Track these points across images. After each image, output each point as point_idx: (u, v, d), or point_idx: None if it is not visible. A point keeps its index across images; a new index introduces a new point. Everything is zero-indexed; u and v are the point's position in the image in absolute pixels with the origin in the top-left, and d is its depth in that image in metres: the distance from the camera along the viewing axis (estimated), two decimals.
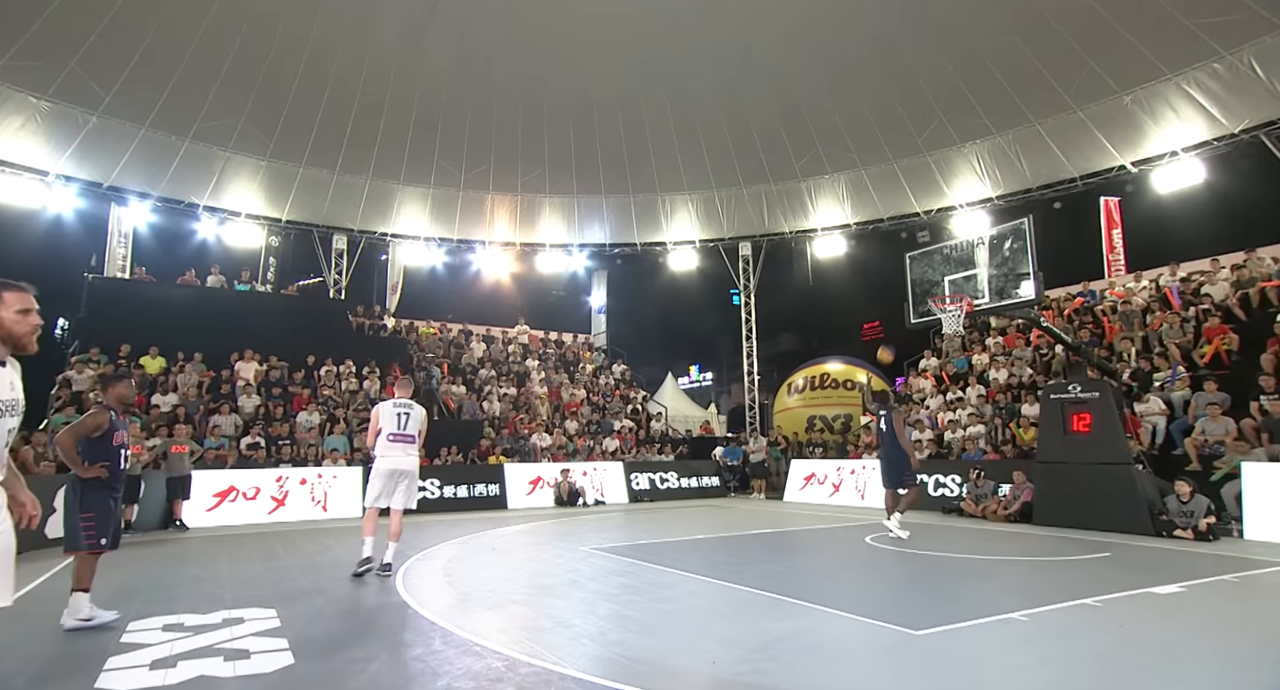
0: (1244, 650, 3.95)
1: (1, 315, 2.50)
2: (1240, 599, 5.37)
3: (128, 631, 4.39)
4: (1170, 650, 3.97)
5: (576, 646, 4.06)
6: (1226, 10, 13.32)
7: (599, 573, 6.59)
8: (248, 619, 4.75)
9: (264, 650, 4.09)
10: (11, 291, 2.52)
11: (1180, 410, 11.83)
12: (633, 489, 15.68)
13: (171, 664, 3.83)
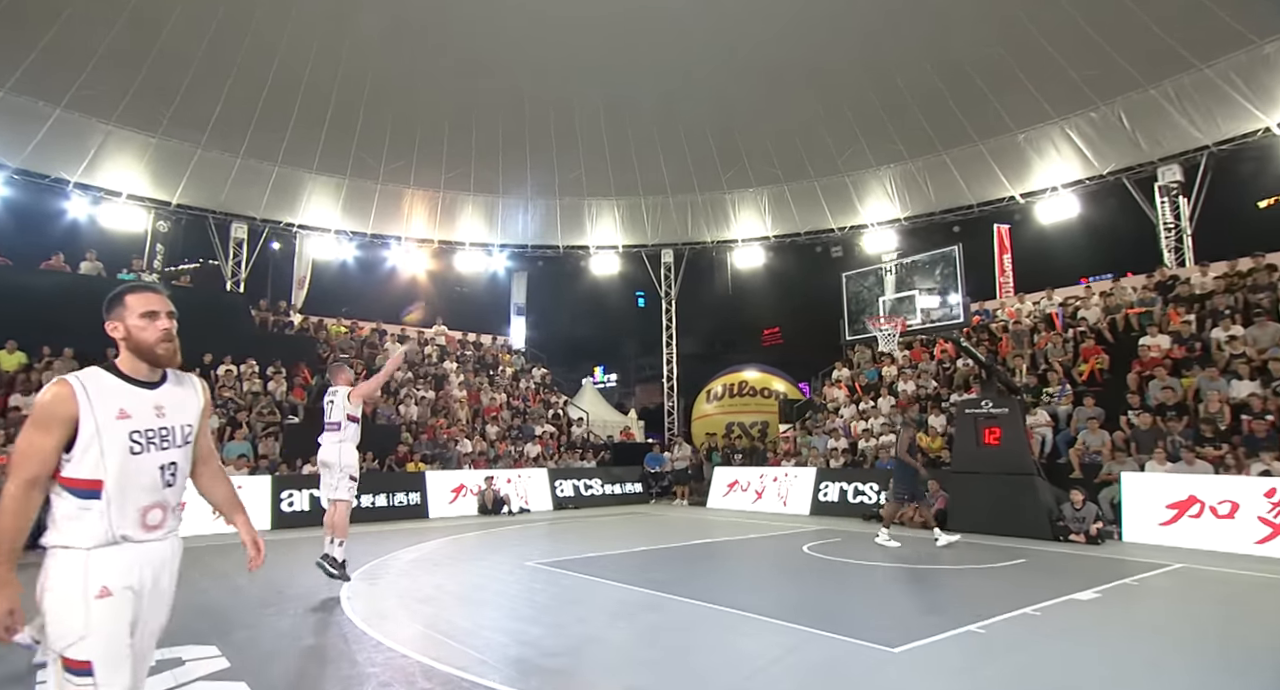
0: (1179, 648, 4.62)
1: (126, 322, 2.18)
2: (1149, 601, 6.14)
3: (39, 682, 3.89)
4: (1117, 654, 4.45)
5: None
6: (1104, 65, 15.05)
7: (559, 594, 6.55)
8: (188, 660, 4.34)
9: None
10: (134, 293, 2.23)
11: (1064, 422, 13.21)
12: (557, 496, 15.63)
13: None
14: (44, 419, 2.00)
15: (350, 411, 6.40)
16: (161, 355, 2.21)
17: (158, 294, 2.26)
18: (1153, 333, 14.08)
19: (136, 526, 2.07)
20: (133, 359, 2.19)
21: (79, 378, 2.08)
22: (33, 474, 1.98)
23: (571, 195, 20.65)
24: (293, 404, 15.33)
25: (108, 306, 2.21)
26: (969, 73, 15.94)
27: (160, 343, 2.19)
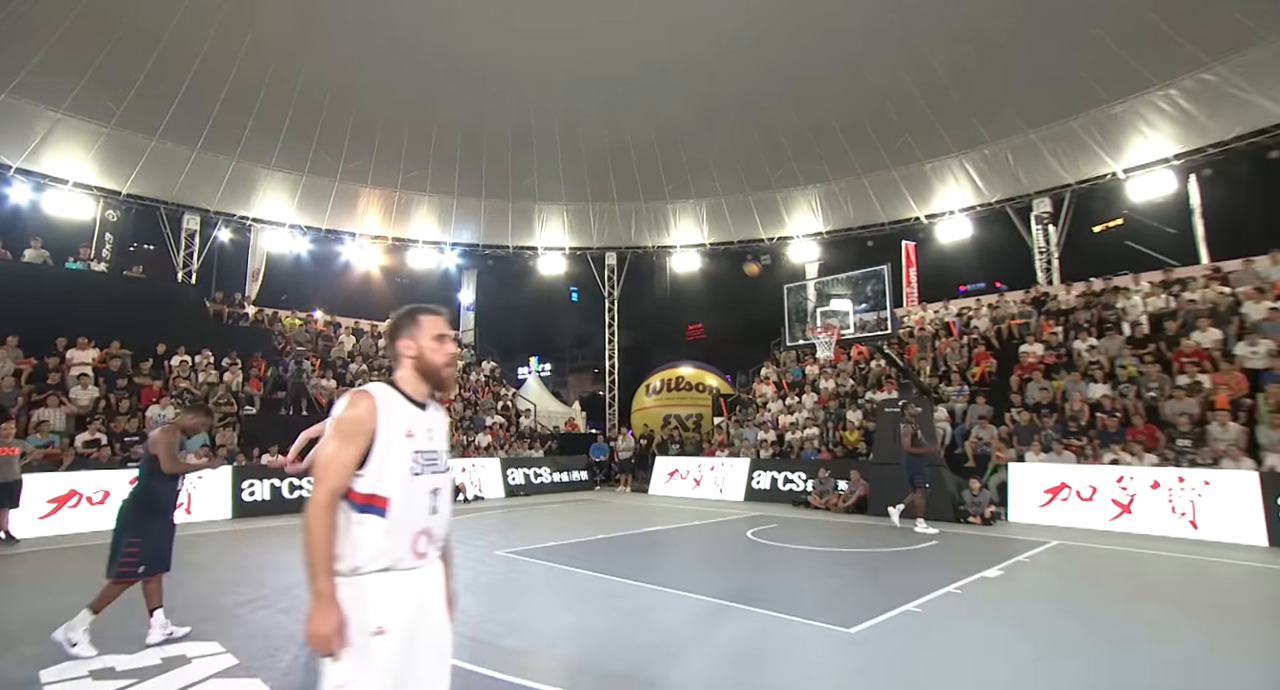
0: (1075, 614, 5.20)
1: (420, 343, 2.04)
2: (1042, 575, 6.79)
3: (48, 684, 3.73)
4: (1030, 624, 4.96)
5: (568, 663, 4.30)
6: (995, 112, 16.21)
7: (535, 583, 6.62)
8: (193, 657, 4.16)
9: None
10: (427, 315, 2.07)
11: (960, 418, 14.18)
12: (509, 484, 15.64)
13: None
14: (351, 431, 1.86)
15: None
16: (445, 379, 2.09)
17: (445, 317, 2.14)
18: (1030, 341, 15.22)
19: (409, 552, 1.90)
20: (417, 379, 2.05)
21: (376, 391, 1.95)
22: (336, 485, 1.83)
23: (524, 199, 20.48)
24: (249, 395, 14.69)
25: (401, 325, 2.08)
26: (888, 107, 16.80)
27: (446, 366, 2.07)
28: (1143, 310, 14.47)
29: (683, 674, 4.03)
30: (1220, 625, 4.92)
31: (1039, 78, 15.12)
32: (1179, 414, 11.29)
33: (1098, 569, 7.08)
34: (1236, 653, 4.36)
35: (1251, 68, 13.36)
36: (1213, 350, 12.40)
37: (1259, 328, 12.33)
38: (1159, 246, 18.86)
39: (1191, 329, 13.09)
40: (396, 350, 2.07)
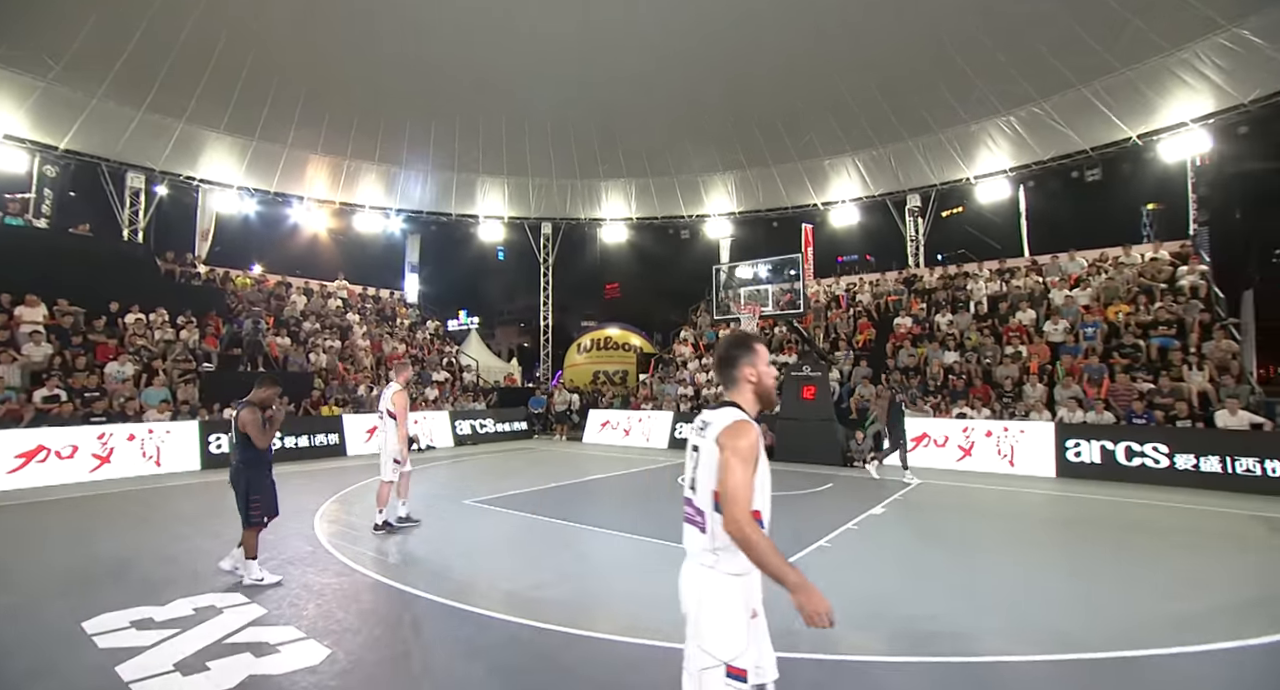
0: (956, 541, 6.02)
1: (759, 368, 2.03)
2: (918, 510, 7.55)
3: (95, 635, 3.69)
4: (917, 551, 5.70)
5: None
6: (883, 119, 17.02)
7: (509, 531, 6.58)
8: (222, 607, 4.14)
9: (284, 641, 3.64)
10: (759, 343, 2.07)
11: (847, 378, 15.39)
12: (457, 434, 15.61)
13: (199, 666, 3.34)
14: (750, 456, 1.88)
15: (389, 408, 6.30)
16: (773, 401, 2.13)
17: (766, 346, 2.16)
18: (902, 315, 16.57)
19: None
20: (754, 402, 2.06)
21: (750, 419, 1.97)
22: (749, 505, 1.87)
23: (468, 171, 19.71)
24: (206, 352, 13.79)
25: (740, 354, 2.06)
26: (799, 110, 17.28)
27: (774, 391, 2.12)
28: (984, 292, 16.08)
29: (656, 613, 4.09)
30: (1028, 534, 6.05)
31: (918, 97, 16.07)
32: (1005, 377, 12.84)
33: (949, 501, 8.15)
34: (1038, 550, 5.43)
35: (1067, 106, 14.91)
36: (1029, 327, 14.11)
37: (1059, 310, 14.13)
38: (997, 238, 20.89)
39: (1015, 309, 14.74)
40: (738, 376, 2.06)
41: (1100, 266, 15.16)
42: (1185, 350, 11.63)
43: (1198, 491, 8.60)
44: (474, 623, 4.00)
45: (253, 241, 20.05)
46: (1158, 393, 10.81)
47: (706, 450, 1.97)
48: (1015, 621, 4.02)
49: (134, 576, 4.84)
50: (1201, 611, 4.19)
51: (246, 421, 4.72)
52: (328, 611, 4.17)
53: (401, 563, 5.30)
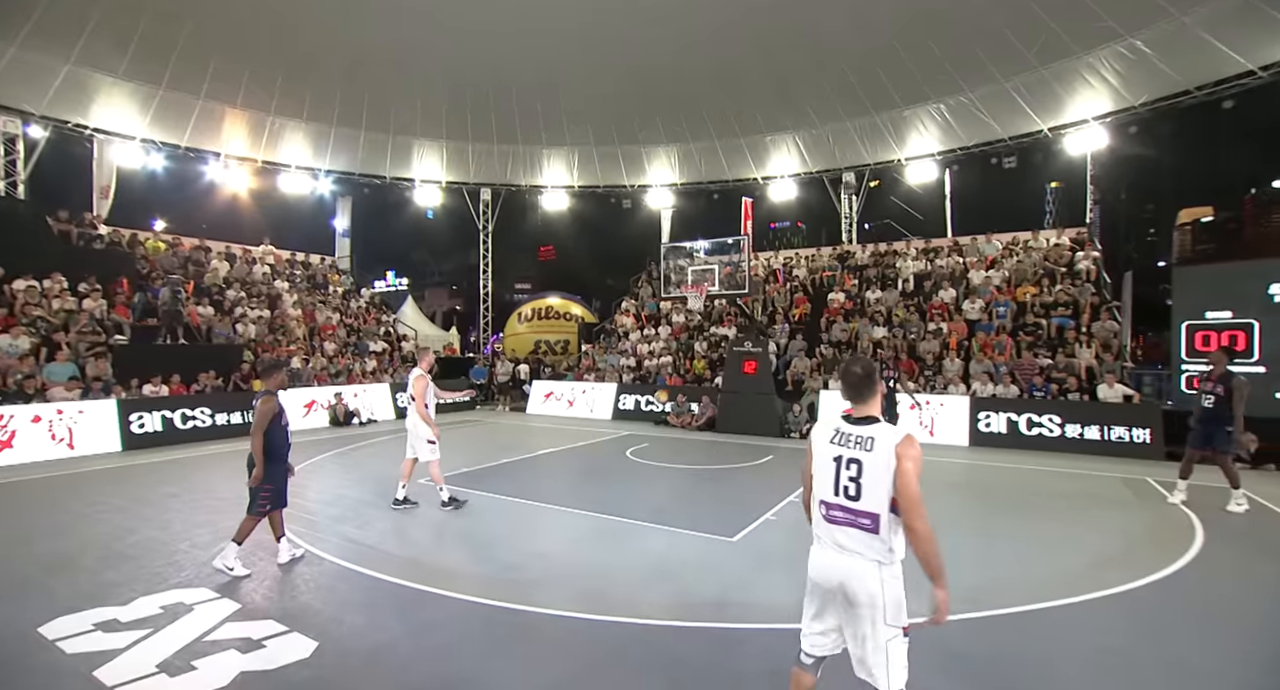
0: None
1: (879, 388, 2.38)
2: None
3: (58, 640, 3.55)
4: None
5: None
6: (825, 99, 17.43)
7: (469, 511, 6.53)
8: (194, 604, 4.05)
9: (268, 636, 3.63)
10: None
11: (783, 351, 16.09)
12: (398, 406, 15.26)
13: (184, 666, 3.28)
14: (921, 465, 2.22)
15: (411, 392, 6.54)
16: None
17: None
18: (836, 291, 17.40)
19: None
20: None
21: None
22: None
23: (404, 133, 18.68)
24: (117, 322, 12.74)
25: (875, 374, 2.37)
26: (744, 87, 17.35)
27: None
28: (911, 270, 17.10)
29: (629, 588, 4.43)
30: (945, 500, 6.75)
31: (859, 81, 16.47)
32: (927, 352, 13.88)
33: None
34: (953, 516, 6.07)
35: (990, 98, 15.82)
36: (949, 305, 15.19)
37: (976, 290, 15.27)
38: (926, 217, 22.11)
39: (938, 288, 15.81)
40: (873, 393, 2.36)
41: (1012, 249, 16.42)
42: (1078, 329, 12.95)
43: (1083, 457, 9.76)
44: (453, 607, 4.09)
45: (161, 200, 18.38)
46: (1054, 368, 12.04)
47: (876, 461, 2.23)
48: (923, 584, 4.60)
49: (82, 575, 4.60)
50: (1079, 567, 4.90)
51: (259, 411, 4.74)
52: (305, 603, 4.17)
53: (367, 548, 5.27)
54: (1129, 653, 3.53)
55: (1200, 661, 3.44)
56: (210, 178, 17.71)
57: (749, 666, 3.37)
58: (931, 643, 3.46)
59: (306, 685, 3.16)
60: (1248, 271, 10.82)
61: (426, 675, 3.27)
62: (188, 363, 12.47)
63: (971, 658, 3.46)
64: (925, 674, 2.94)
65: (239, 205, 19.06)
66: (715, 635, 3.75)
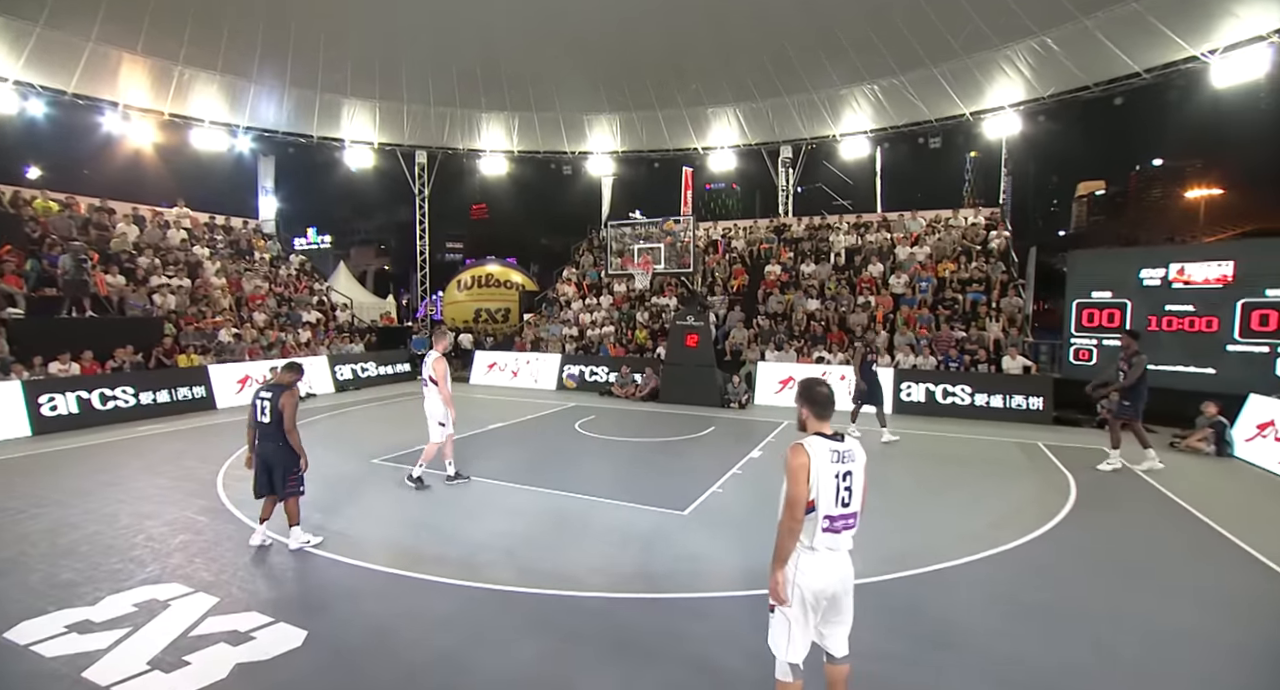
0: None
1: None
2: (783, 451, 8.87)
3: (31, 645, 3.50)
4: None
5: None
6: (764, 73, 17.67)
7: (432, 491, 6.66)
8: (168, 600, 4.03)
9: (255, 627, 3.70)
10: None
11: (722, 321, 16.47)
12: (338, 379, 14.84)
13: (177, 662, 3.33)
14: None
15: (430, 374, 6.66)
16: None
17: None
18: (772, 263, 18.07)
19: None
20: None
21: None
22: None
23: (334, 91, 17.46)
24: (7, 293, 11.60)
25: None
26: (688, 59, 17.26)
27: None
28: (843, 244, 17.93)
29: (593, 564, 4.71)
30: (871, 468, 7.44)
31: (798, 58, 16.76)
32: (856, 324, 14.77)
33: None
34: (878, 483, 6.77)
35: (919, 81, 16.57)
36: (878, 279, 16.12)
37: (902, 265, 16.26)
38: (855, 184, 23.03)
39: (868, 262, 16.71)
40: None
41: (935, 226, 17.51)
42: (989, 304, 14.14)
43: (990, 423, 10.84)
44: (429, 590, 4.25)
45: (44, 153, 16.50)
46: (968, 340, 13.17)
47: (859, 467, 2.59)
48: (864, 547, 5.20)
49: (33, 576, 4.43)
50: (981, 526, 5.65)
51: (288, 404, 4.85)
52: (284, 592, 4.25)
53: (335, 534, 5.27)
54: (1019, 599, 4.23)
55: (1084, 601, 4.17)
56: (108, 130, 16.01)
57: (710, 632, 3.80)
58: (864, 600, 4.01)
59: (307, 673, 3.30)
60: (1125, 258, 12.14)
61: (418, 657, 3.47)
62: (100, 337, 11.54)
63: (896, 611, 4.04)
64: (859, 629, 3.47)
65: (144, 162, 17.43)
66: (679, 605, 4.15)
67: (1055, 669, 3.42)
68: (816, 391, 2.64)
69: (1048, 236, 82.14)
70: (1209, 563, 4.96)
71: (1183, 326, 10.68)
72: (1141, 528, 5.79)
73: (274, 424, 4.85)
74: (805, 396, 2.65)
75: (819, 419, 2.63)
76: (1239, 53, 12.75)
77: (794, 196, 21.38)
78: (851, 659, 2.73)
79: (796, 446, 2.53)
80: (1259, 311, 9.86)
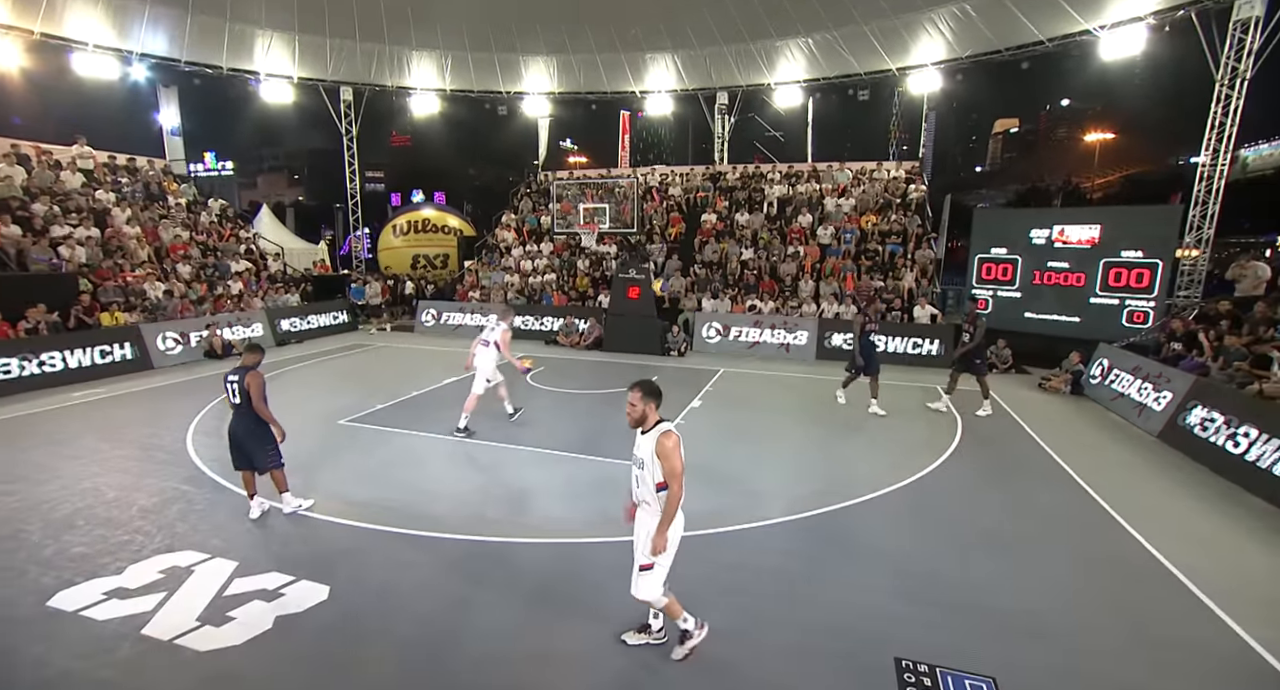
0: (762, 418, 8.03)
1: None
2: (728, 397, 9.42)
3: (79, 611, 3.85)
4: (735, 435, 7.56)
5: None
6: (704, 25, 17.53)
7: (395, 453, 7.02)
8: (191, 565, 4.40)
9: (281, 585, 4.12)
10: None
11: (660, 269, 16.97)
12: (278, 332, 14.50)
13: (222, 618, 3.76)
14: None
15: (495, 340, 7.50)
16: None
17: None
18: (709, 211, 18.55)
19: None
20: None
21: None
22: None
23: (245, 21, 15.82)
24: None
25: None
26: (622, 6, 16.79)
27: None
28: (775, 195, 18.60)
29: (566, 513, 5.37)
30: (793, 415, 8.51)
31: (737, 10, 16.74)
32: (786, 274, 15.72)
33: (742, 391, 10.08)
34: (796, 431, 7.85)
35: (850, 37, 17.07)
36: (806, 229, 17.01)
37: (830, 216, 17.21)
38: (787, 141, 23.58)
39: (798, 213, 17.55)
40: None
41: (860, 178, 18.43)
42: (906, 255, 15.40)
43: (903, 368, 12.08)
44: (425, 545, 4.78)
45: None
46: (885, 290, 14.42)
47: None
48: (778, 492, 6.20)
49: (46, 551, 4.64)
50: (882, 468, 6.73)
51: (256, 385, 5.04)
52: (296, 553, 4.65)
53: (327, 497, 5.62)
54: (915, 528, 5.35)
55: (971, 526, 5.33)
56: None
57: (691, 572, 4.64)
58: (762, 540, 5.00)
59: (337, 622, 3.85)
60: (1020, 217, 13.58)
61: (430, 603, 4.05)
62: (3, 296, 10.63)
63: (797, 554, 5.06)
64: (774, 556, 4.42)
65: (13, 92, 15.40)
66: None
67: (925, 557, 4.52)
68: (658, 389, 3.29)
69: (966, 171, 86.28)
70: (1045, 482, 6.33)
71: (1059, 281, 12.28)
72: (1008, 460, 7.13)
73: (245, 404, 5.07)
74: (653, 395, 3.23)
75: (658, 409, 3.30)
76: (1123, 30, 14.05)
77: (729, 142, 21.63)
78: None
79: (668, 432, 3.17)
80: (1115, 269, 11.50)
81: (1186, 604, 4.24)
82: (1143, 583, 4.52)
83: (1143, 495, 6.18)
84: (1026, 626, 3.91)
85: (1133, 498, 6.04)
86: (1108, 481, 6.42)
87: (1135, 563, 4.81)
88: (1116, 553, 4.96)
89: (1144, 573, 4.66)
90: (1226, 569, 4.70)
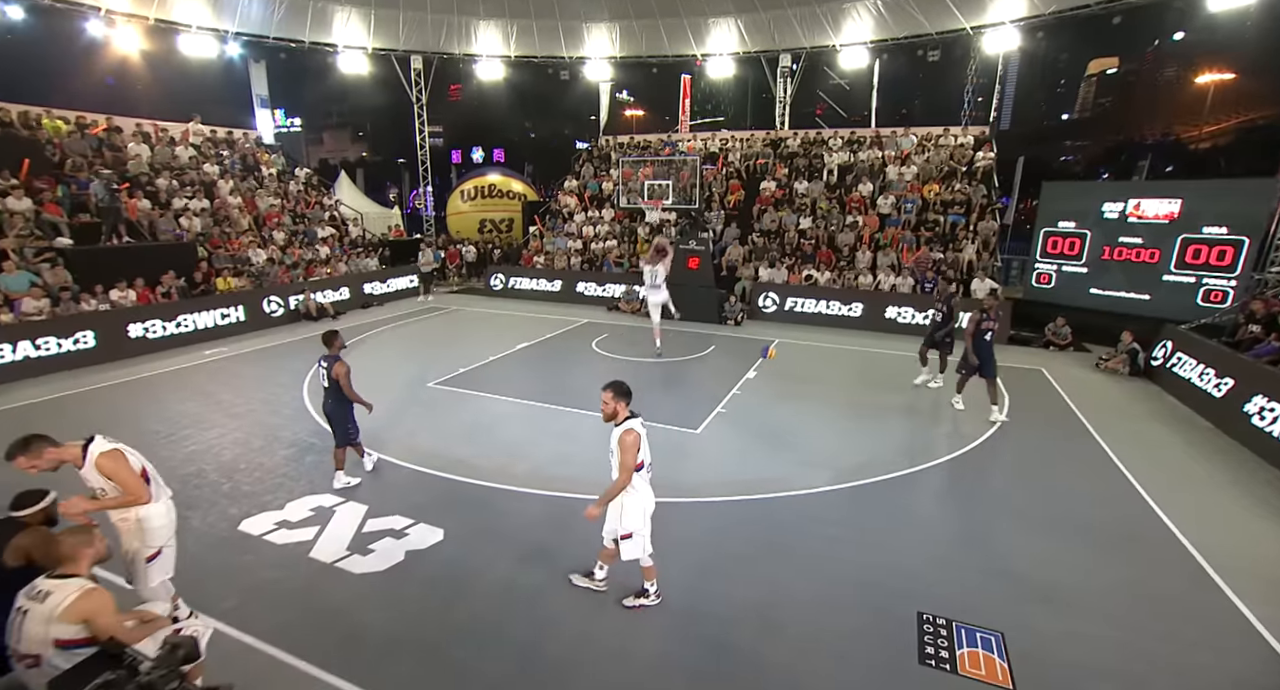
0: (817, 393, 8.55)
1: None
2: (777, 370, 9.66)
3: (263, 535, 4.84)
4: (791, 408, 7.96)
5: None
6: None
7: (477, 415, 7.75)
8: (333, 507, 5.26)
9: (404, 527, 4.90)
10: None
11: (718, 237, 16.91)
12: (363, 293, 15.57)
13: (365, 549, 4.59)
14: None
15: (663, 279, 10.07)
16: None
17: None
18: (768, 179, 18.35)
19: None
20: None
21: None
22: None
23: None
24: (53, 223, 12.00)
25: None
26: None
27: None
28: (835, 162, 18.23)
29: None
30: (843, 391, 8.84)
31: None
32: (844, 244, 15.68)
33: (795, 366, 10.09)
34: (844, 407, 8.22)
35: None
36: (866, 198, 16.72)
37: (891, 185, 16.83)
38: (853, 107, 22.76)
39: (858, 182, 17.23)
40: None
41: (925, 145, 17.81)
42: (968, 226, 15.05)
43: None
44: (514, 498, 5.55)
45: (26, 69, 15.86)
46: (944, 262, 14.25)
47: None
48: (828, 463, 6.71)
49: (225, 486, 5.71)
50: (926, 442, 7.11)
51: (342, 373, 5.47)
52: (413, 502, 5.47)
53: (428, 455, 6.43)
54: (951, 502, 5.82)
55: (1006, 503, 5.78)
56: (91, 38, 15.34)
57: (742, 533, 5.34)
58: (809, 506, 5.57)
59: (455, 558, 4.70)
60: (1092, 190, 13.03)
61: (522, 547, 4.81)
62: (141, 263, 11.99)
63: (837, 521, 5.62)
64: (819, 526, 5.03)
65: (132, 74, 16.78)
66: (721, 508, 5.60)
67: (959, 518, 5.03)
68: (628, 389, 3.81)
69: (1052, 119, 78.60)
70: (1086, 466, 6.62)
71: (1130, 257, 11.91)
72: (1050, 441, 7.37)
73: (334, 388, 5.56)
74: (623, 395, 3.72)
75: (627, 406, 3.79)
76: None
77: (789, 113, 21.08)
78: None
79: (629, 430, 3.67)
80: (1194, 246, 11.07)
81: (1204, 589, 4.58)
82: (1163, 565, 4.86)
83: (1185, 486, 6.32)
84: (1043, 594, 4.39)
85: (1173, 487, 6.21)
86: (1150, 468, 6.59)
87: (1151, 538, 5.15)
88: (1137, 531, 5.30)
89: (1161, 553, 4.99)
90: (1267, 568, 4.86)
